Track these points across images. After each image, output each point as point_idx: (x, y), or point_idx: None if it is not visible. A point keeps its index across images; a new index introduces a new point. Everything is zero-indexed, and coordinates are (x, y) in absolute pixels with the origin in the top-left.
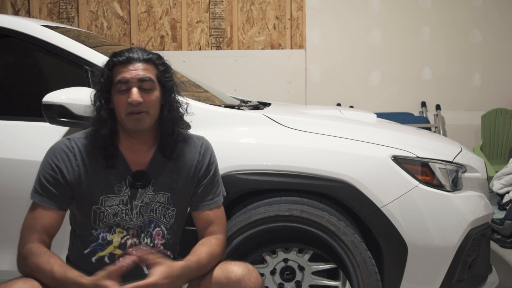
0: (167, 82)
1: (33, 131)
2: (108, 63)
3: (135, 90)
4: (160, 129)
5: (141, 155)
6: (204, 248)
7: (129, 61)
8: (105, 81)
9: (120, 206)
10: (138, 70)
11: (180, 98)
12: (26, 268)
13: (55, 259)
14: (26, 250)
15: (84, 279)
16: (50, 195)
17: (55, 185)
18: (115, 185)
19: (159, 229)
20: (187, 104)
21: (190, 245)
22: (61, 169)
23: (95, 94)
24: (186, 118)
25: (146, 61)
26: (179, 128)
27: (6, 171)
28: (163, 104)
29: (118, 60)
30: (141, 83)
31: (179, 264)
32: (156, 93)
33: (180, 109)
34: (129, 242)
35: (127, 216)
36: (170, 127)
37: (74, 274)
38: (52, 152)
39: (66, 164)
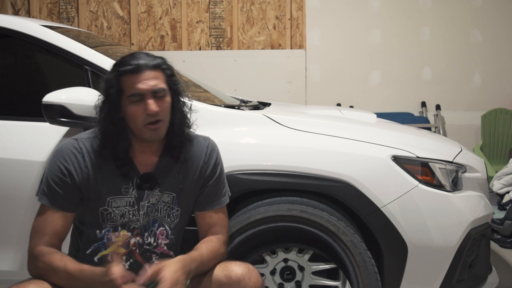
0: (174, 86)
1: (33, 131)
2: (115, 73)
3: (151, 101)
4: (168, 131)
5: (148, 157)
6: (205, 245)
7: (138, 70)
8: (115, 92)
9: (127, 207)
10: (149, 79)
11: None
12: (37, 269)
13: (67, 257)
14: (37, 252)
15: (98, 269)
16: (59, 198)
17: (64, 187)
18: (122, 186)
19: (163, 228)
20: (191, 103)
21: (190, 245)
22: (70, 171)
23: (101, 104)
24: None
25: (154, 67)
26: (186, 128)
27: (6, 171)
28: (172, 107)
29: (126, 70)
30: (154, 92)
31: (180, 256)
32: (168, 99)
33: (185, 107)
34: (132, 240)
35: (134, 217)
36: (180, 128)
37: (88, 267)
38: (60, 153)
39: (75, 166)
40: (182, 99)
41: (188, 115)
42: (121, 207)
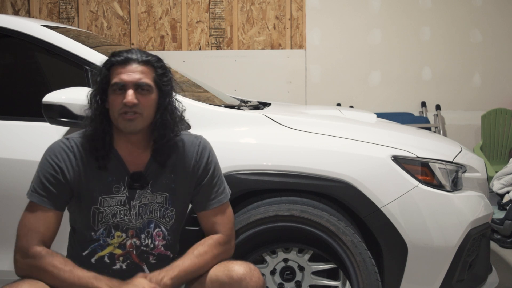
0: (164, 86)
1: (33, 131)
2: (106, 62)
3: (130, 92)
4: (153, 132)
5: (138, 156)
6: (196, 250)
7: (127, 61)
8: (102, 81)
9: (118, 206)
10: (135, 72)
11: (178, 100)
12: (32, 268)
13: (70, 262)
14: (34, 252)
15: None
16: (49, 195)
17: (56, 185)
18: (113, 185)
19: (159, 229)
20: (184, 110)
21: (190, 245)
22: (62, 168)
23: (91, 93)
24: (186, 118)
25: (145, 63)
26: (171, 133)
27: (6, 171)
28: (158, 107)
29: (116, 60)
30: (137, 86)
31: (157, 271)
32: (153, 96)
33: (176, 112)
34: (128, 242)
35: (126, 217)
36: (162, 131)
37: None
38: (52, 151)
39: (67, 163)
40: (171, 102)
41: (181, 120)
42: (113, 206)
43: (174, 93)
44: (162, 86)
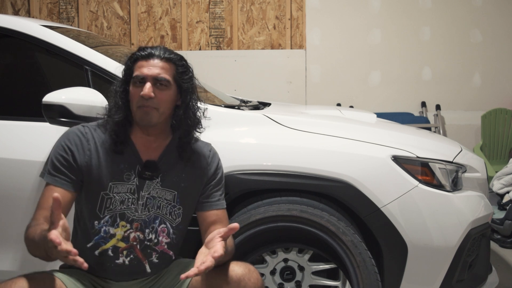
0: (184, 84)
1: (33, 131)
2: (131, 56)
3: (148, 85)
4: (175, 128)
5: (152, 149)
6: (230, 241)
7: (150, 56)
8: (125, 73)
9: (127, 194)
10: (156, 67)
11: (199, 103)
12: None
13: (40, 228)
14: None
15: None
16: (60, 175)
17: (66, 166)
18: (124, 173)
19: (164, 226)
20: (205, 109)
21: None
22: (73, 151)
23: (116, 84)
24: None
25: (167, 60)
26: (195, 130)
27: (6, 171)
28: (178, 104)
29: (140, 55)
30: (156, 80)
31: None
32: (170, 92)
33: (198, 113)
34: (132, 235)
35: (132, 206)
36: (186, 128)
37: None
38: (66, 135)
39: (78, 147)
40: (193, 101)
41: (201, 120)
42: (122, 193)
43: (196, 94)
44: (181, 84)
